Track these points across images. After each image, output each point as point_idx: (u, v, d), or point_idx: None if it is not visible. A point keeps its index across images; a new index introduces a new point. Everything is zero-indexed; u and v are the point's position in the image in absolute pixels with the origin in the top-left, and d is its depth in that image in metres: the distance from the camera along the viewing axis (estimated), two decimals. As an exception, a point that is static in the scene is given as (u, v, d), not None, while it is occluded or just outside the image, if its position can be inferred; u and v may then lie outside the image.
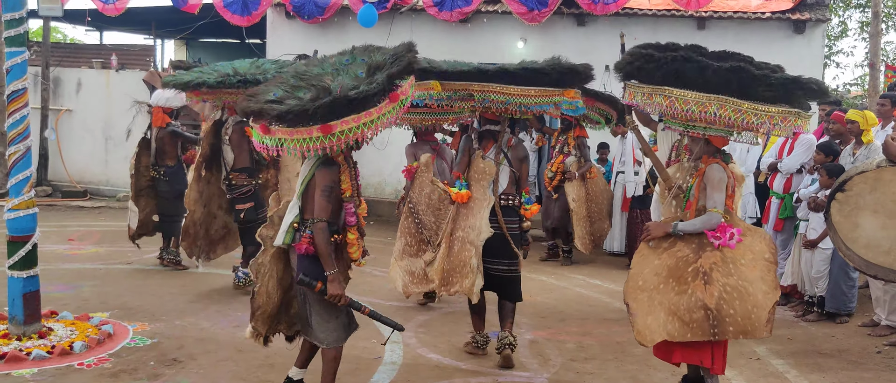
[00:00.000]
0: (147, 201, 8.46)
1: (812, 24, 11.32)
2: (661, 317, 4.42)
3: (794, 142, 7.69)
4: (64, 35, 27.04)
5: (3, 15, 5.48)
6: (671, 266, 4.54)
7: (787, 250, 7.72)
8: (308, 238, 4.28)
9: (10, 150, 5.52)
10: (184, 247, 7.39)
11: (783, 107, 4.34)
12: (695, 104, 4.38)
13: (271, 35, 13.50)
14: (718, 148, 4.72)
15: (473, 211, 5.71)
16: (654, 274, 4.57)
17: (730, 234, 4.48)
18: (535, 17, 11.31)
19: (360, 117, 3.99)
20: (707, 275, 4.40)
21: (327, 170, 4.29)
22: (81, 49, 18.87)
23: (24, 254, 5.51)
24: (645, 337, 4.45)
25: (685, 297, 4.39)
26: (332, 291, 4.30)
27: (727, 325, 4.32)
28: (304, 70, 4.46)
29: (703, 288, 4.37)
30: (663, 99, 4.47)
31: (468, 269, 5.58)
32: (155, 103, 8.31)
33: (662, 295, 4.48)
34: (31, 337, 5.50)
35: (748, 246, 4.51)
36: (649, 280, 4.57)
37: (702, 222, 4.54)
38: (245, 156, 7.14)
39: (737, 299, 4.35)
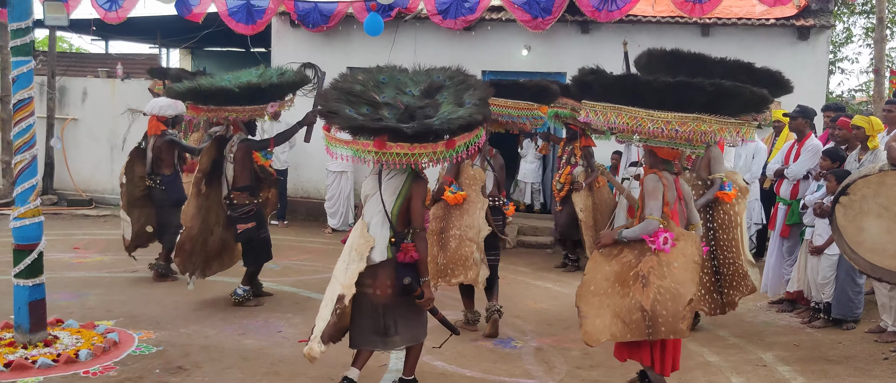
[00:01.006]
0: (141, 212, 8.24)
1: (816, 30, 11.30)
2: (607, 319, 4.75)
3: (800, 148, 7.68)
4: (70, 44, 27.13)
5: (9, 25, 5.50)
6: (617, 271, 4.86)
7: (793, 256, 7.70)
8: (412, 247, 4.74)
9: (17, 159, 5.53)
10: (177, 263, 7.13)
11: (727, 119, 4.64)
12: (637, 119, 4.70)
13: (276, 43, 13.52)
14: (662, 158, 4.99)
15: (469, 212, 6.37)
16: (604, 279, 4.88)
17: (664, 239, 4.74)
18: (538, 25, 11.31)
19: (472, 134, 4.63)
20: (645, 279, 4.69)
21: (422, 183, 4.82)
22: (87, 58, 18.93)
23: (29, 263, 5.52)
24: (592, 338, 4.77)
25: (627, 300, 4.71)
26: (428, 295, 4.83)
27: (660, 325, 4.59)
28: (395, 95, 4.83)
29: (641, 291, 4.67)
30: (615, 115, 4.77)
31: (472, 262, 6.24)
32: (150, 112, 8.14)
33: (610, 299, 4.79)
34: (36, 345, 5.51)
35: (681, 249, 4.76)
36: (600, 285, 4.88)
37: (640, 229, 4.83)
38: (247, 175, 7.09)
39: (669, 301, 4.61)
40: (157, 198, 8.21)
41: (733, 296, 6.68)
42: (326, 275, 8.59)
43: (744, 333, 6.87)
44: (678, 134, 4.66)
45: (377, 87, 4.84)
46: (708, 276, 6.66)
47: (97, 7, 12.72)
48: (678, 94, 4.62)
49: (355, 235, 4.92)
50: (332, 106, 4.61)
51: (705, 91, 4.58)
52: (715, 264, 6.68)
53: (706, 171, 6.67)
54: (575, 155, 9.40)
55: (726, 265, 6.65)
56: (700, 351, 6.25)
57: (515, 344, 6.31)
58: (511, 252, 10.94)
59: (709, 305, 6.69)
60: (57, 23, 12.80)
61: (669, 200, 4.90)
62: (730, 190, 6.57)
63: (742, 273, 6.59)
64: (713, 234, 6.66)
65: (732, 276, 6.63)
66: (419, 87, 4.93)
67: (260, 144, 7.17)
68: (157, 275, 8.16)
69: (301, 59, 13.04)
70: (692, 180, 6.67)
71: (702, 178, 6.67)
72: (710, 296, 6.69)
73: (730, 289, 6.67)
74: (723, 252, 6.66)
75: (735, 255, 6.61)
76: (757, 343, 6.58)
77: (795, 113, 7.94)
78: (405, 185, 4.79)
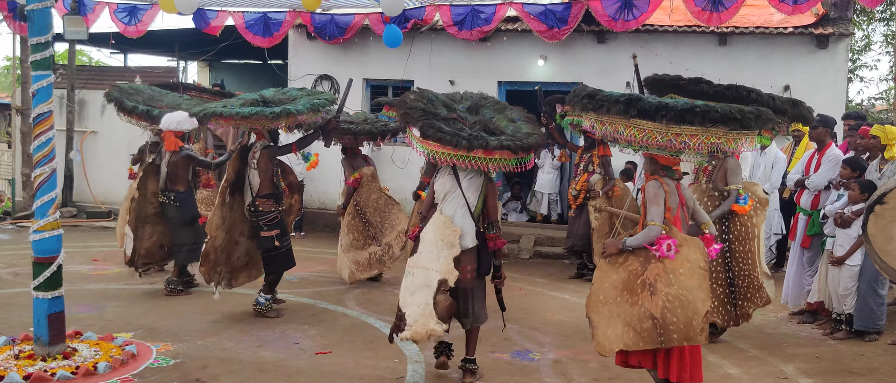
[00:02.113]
0: (153, 228, 8.20)
1: (835, 38, 11.21)
2: (618, 329, 4.75)
3: (821, 158, 7.61)
4: (89, 58, 27.42)
5: (29, 39, 5.55)
6: (624, 279, 4.86)
7: (813, 267, 7.61)
8: (497, 236, 5.58)
9: (36, 172, 5.57)
10: (202, 272, 7.05)
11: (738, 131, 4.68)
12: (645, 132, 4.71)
13: (293, 56, 13.59)
14: (663, 165, 5.03)
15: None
16: (611, 288, 4.89)
17: (667, 246, 4.75)
18: (555, 35, 11.30)
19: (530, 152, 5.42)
20: (652, 286, 4.70)
21: (493, 184, 5.68)
22: (106, 71, 19.09)
23: (49, 276, 5.54)
24: (604, 348, 4.79)
25: (636, 308, 4.71)
26: (504, 275, 5.78)
27: (671, 333, 4.60)
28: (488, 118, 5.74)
29: (649, 299, 4.68)
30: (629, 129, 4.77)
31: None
32: (166, 127, 7.99)
33: (619, 308, 4.80)
34: (55, 357, 5.54)
35: (685, 256, 4.76)
36: (608, 294, 4.89)
37: (643, 236, 4.85)
38: (270, 182, 7.11)
39: (679, 308, 4.61)
40: (171, 215, 8.13)
41: (747, 308, 6.64)
42: (343, 286, 8.67)
43: (764, 345, 6.79)
44: (687, 146, 4.69)
45: (431, 103, 5.57)
46: (722, 288, 6.62)
47: (116, 21, 12.84)
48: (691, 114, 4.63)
49: (438, 228, 5.47)
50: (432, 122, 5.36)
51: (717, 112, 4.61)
52: (729, 276, 6.63)
53: (723, 182, 6.61)
54: (592, 163, 9.37)
55: (741, 277, 6.61)
56: (720, 364, 6.19)
57: (533, 356, 6.27)
58: (528, 263, 10.90)
59: (722, 316, 6.64)
60: (76, 37, 13.01)
61: (672, 206, 4.93)
62: (745, 202, 6.50)
63: (757, 285, 6.55)
64: (729, 246, 6.61)
65: (747, 288, 6.60)
66: (463, 104, 5.82)
67: (282, 150, 7.19)
68: (169, 292, 8.08)
69: (318, 71, 13.22)
70: (709, 191, 6.62)
71: (719, 189, 6.62)
72: (724, 308, 6.65)
73: (744, 301, 6.64)
74: (738, 264, 6.61)
75: (751, 267, 6.56)
76: (778, 355, 6.50)
77: (816, 122, 7.84)
78: (484, 185, 5.56)
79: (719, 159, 6.66)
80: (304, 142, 7.29)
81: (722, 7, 10.08)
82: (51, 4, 5.55)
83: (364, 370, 5.75)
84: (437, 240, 5.46)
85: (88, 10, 12.77)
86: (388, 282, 8.88)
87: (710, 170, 6.73)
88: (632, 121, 4.73)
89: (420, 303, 5.35)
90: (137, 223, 8.09)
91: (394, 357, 6.09)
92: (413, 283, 5.44)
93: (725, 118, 4.62)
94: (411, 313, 5.37)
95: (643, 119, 4.68)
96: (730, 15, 10.17)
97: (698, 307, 4.60)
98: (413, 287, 5.44)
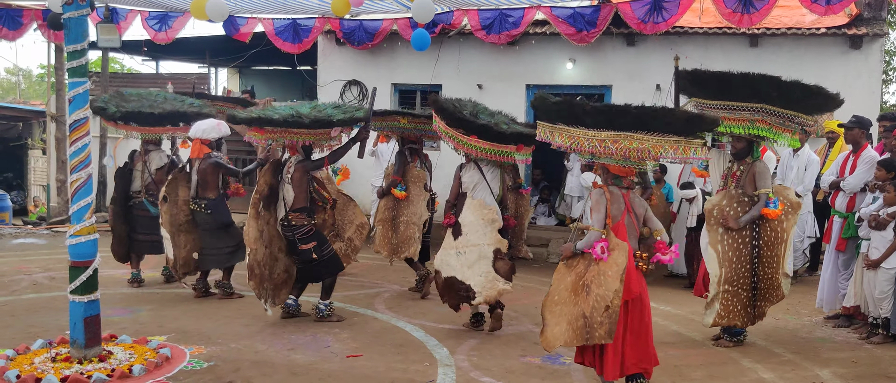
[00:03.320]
0: (187, 237, 8.26)
1: (869, 39, 11.05)
2: (563, 327, 5.09)
3: (856, 160, 7.50)
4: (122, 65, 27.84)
5: (65, 47, 5.64)
6: (573, 281, 5.20)
7: (849, 270, 7.50)
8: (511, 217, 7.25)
9: (72, 178, 5.64)
10: (252, 287, 7.04)
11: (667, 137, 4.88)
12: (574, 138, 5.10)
13: (322, 61, 13.68)
14: (613, 174, 5.23)
15: (414, 202, 8.46)
16: (565, 289, 5.22)
17: (600, 248, 5.04)
18: (583, 38, 11.24)
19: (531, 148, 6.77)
20: (588, 287, 5.03)
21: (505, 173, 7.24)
22: (138, 78, 19.39)
23: (85, 279, 5.61)
24: (550, 344, 5.16)
25: (576, 307, 5.05)
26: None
27: (595, 331, 4.90)
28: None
29: (584, 299, 5.01)
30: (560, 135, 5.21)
31: (413, 240, 8.37)
32: (193, 135, 8.08)
33: (566, 308, 5.13)
34: (91, 360, 5.61)
35: (614, 259, 4.99)
36: (561, 294, 5.22)
37: (585, 241, 5.15)
38: (304, 196, 7.14)
39: (603, 308, 4.91)
40: (202, 221, 8.18)
41: (763, 307, 6.68)
42: (372, 290, 8.73)
43: (799, 349, 6.70)
44: (612, 152, 4.97)
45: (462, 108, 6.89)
46: (746, 292, 6.58)
47: (148, 28, 13.01)
48: (606, 115, 5.01)
49: (476, 210, 6.79)
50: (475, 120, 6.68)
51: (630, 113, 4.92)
52: (754, 280, 6.58)
53: (752, 187, 6.55)
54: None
55: (765, 280, 6.60)
56: (754, 368, 6.12)
57: (564, 360, 6.24)
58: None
59: (743, 319, 6.64)
60: (109, 44, 13.20)
61: (614, 214, 5.14)
62: (776, 206, 6.43)
63: (776, 284, 6.55)
64: (758, 251, 6.54)
65: (768, 289, 6.61)
66: (467, 109, 6.91)
67: (316, 164, 7.21)
68: (198, 294, 8.22)
69: (347, 76, 13.29)
70: (738, 196, 6.55)
71: (748, 194, 6.55)
72: (745, 311, 6.64)
73: (763, 301, 6.65)
74: (764, 268, 6.57)
75: (774, 270, 6.53)
76: (813, 359, 6.41)
77: (851, 123, 7.76)
78: (501, 175, 7.03)
79: (747, 164, 6.61)
80: (337, 154, 7.33)
81: (753, 8, 9.97)
82: (87, 13, 5.62)
83: (394, 373, 5.76)
84: (479, 220, 6.77)
85: (121, 18, 12.95)
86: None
87: (738, 175, 6.66)
88: (557, 128, 5.21)
89: (482, 273, 6.70)
90: (173, 229, 8.17)
91: (424, 360, 6.10)
92: (468, 260, 6.74)
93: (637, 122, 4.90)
94: (477, 282, 6.70)
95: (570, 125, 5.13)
96: (761, 16, 10.06)
97: (610, 305, 4.88)
98: (469, 262, 6.74)
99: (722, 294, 6.48)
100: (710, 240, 6.55)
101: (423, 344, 6.60)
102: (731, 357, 6.43)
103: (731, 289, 6.51)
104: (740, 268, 6.52)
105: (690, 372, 5.96)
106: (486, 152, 6.57)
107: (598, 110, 5.03)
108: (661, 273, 10.20)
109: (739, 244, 6.52)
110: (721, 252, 6.49)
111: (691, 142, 4.92)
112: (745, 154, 6.63)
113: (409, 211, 8.51)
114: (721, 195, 6.66)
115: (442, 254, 6.95)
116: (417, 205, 8.45)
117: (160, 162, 8.83)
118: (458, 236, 6.82)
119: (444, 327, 7.17)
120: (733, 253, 6.51)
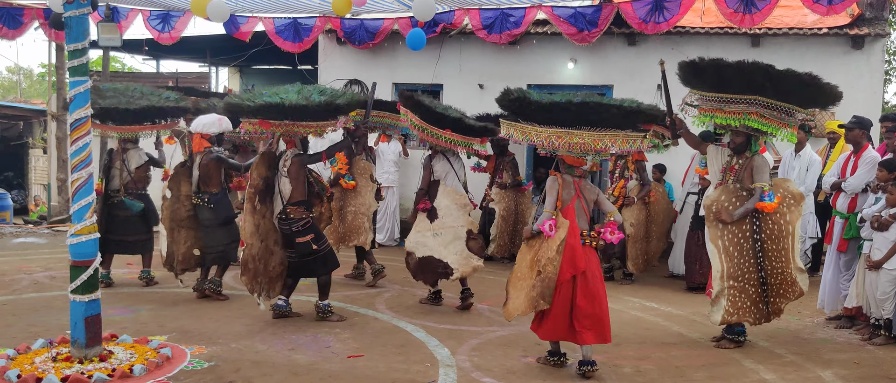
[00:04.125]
0: (188, 233, 8.16)
1: (871, 39, 11.04)
2: (520, 299, 5.80)
3: (857, 160, 7.49)
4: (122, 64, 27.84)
5: (66, 46, 5.62)
6: (531, 258, 5.87)
7: (850, 271, 7.49)
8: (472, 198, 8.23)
9: (73, 177, 5.61)
10: (244, 282, 7.09)
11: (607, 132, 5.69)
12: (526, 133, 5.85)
13: (323, 61, 13.67)
14: (567, 164, 5.92)
15: (361, 193, 8.93)
16: (525, 266, 5.91)
17: (548, 226, 5.70)
18: (584, 38, 11.24)
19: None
20: (539, 261, 5.71)
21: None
22: (139, 77, 19.38)
23: (85, 279, 5.59)
24: (510, 315, 5.91)
25: (530, 281, 5.75)
26: None
27: (534, 301, 5.66)
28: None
29: (537, 274, 5.71)
30: (516, 131, 5.93)
31: (364, 230, 8.89)
32: (194, 129, 8.09)
33: (525, 282, 5.82)
34: (92, 360, 5.59)
35: (559, 235, 5.70)
36: (523, 271, 5.92)
37: (538, 222, 5.80)
38: (302, 189, 7.12)
39: (547, 277, 5.62)
40: (205, 217, 8.13)
41: (780, 303, 6.58)
42: (373, 290, 8.73)
43: (801, 350, 6.69)
44: (558, 146, 5.68)
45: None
46: (754, 288, 6.53)
47: (150, 28, 13.00)
48: (552, 112, 5.70)
49: (451, 196, 7.74)
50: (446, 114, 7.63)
51: (570, 109, 5.62)
52: (762, 275, 6.54)
53: (750, 181, 6.55)
54: (628, 168, 9.34)
55: (775, 275, 6.52)
56: (756, 369, 6.11)
57: (566, 361, 6.23)
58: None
59: (754, 315, 6.57)
60: (110, 43, 13.19)
61: (565, 198, 5.84)
62: (771, 200, 6.40)
63: (791, 280, 6.48)
64: (761, 245, 6.51)
65: (780, 284, 6.52)
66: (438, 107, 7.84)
67: (312, 158, 7.20)
68: (210, 292, 8.14)
69: (348, 75, 13.28)
70: (736, 190, 6.56)
71: (746, 188, 6.55)
72: (756, 307, 6.57)
73: (776, 297, 6.56)
74: (771, 262, 6.51)
75: (784, 264, 6.48)
76: (815, 360, 6.40)
77: (852, 124, 7.74)
78: (462, 163, 8.07)
79: (746, 158, 6.61)
80: (333, 149, 7.32)
81: (755, 8, 9.97)
82: (88, 12, 5.60)
83: (396, 374, 5.75)
84: (454, 205, 7.74)
85: (122, 17, 12.94)
86: (419, 286, 8.90)
87: (737, 169, 6.67)
88: (515, 124, 5.92)
89: (458, 251, 7.67)
90: (173, 225, 8.11)
91: (425, 361, 6.09)
92: (444, 240, 7.66)
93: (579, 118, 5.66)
94: (453, 260, 7.64)
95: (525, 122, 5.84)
96: (763, 16, 10.05)
97: (544, 270, 5.61)
98: (445, 242, 7.67)
99: (728, 289, 6.45)
100: (711, 236, 6.54)
101: (424, 345, 6.59)
102: (732, 358, 6.42)
103: (737, 285, 6.48)
104: (743, 262, 6.49)
105: (692, 373, 5.95)
106: (457, 144, 7.63)
107: (544, 107, 5.73)
108: (662, 273, 10.21)
109: (740, 238, 6.50)
110: (722, 247, 6.48)
111: (631, 136, 5.75)
112: (743, 148, 6.64)
113: (357, 202, 8.92)
114: (719, 190, 6.66)
115: (416, 237, 7.80)
116: (365, 196, 8.90)
117: (140, 160, 8.79)
118: (435, 219, 7.74)
119: (445, 328, 7.16)
120: (734, 247, 6.49)
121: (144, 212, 8.77)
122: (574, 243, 5.66)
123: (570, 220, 5.72)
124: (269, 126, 6.92)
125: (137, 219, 8.72)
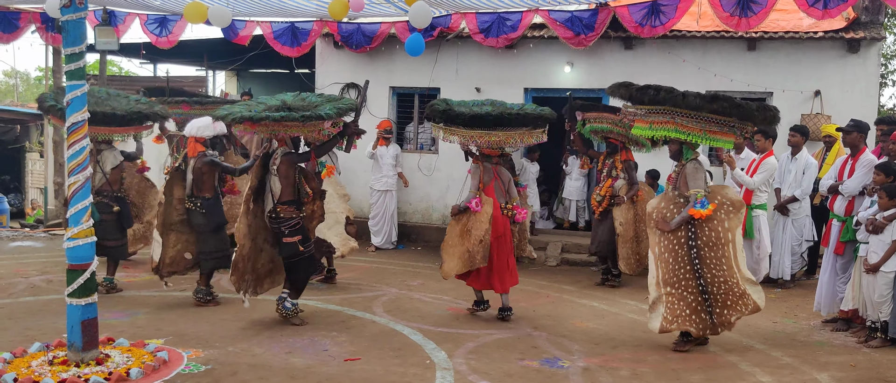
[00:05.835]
0: (178, 236, 8.11)
1: (867, 42, 11.06)
2: (455, 261, 7.49)
3: (854, 164, 7.51)
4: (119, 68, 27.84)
5: (64, 50, 5.63)
6: (460, 229, 7.53)
7: (846, 274, 7.50)
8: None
9: (70, 181, 5.62)
10: (232, 281, 7.07)
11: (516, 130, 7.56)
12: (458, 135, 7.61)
13: (320, 65, 13.67)
14: (485, 154, 7.71)
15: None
16: (455, 235, 7.56)
17: (475, 202, 7.42)
18: (581, 42, 11.25)
19: None
20: (469, 231, 7.40)
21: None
22: (136, 81, 19.37)
23: (82, 282, 5.60)
24: (447, 274, 7.62)
25: (462, 246, 7.43)
26: None
27: (475, 258, 7.31)
28: None
29: (468, 239, 7.40)
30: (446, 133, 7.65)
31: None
32: (188, 133, 8.03)
33: (457, 248, 7.50)
34: (89, 363, 5.59)
35: (485, 210, 7.38)
36: (453, 239, 7.56)
37: (465, 199, 7.56)
38: (291, 189, 7.10)
39: (478, 242, 7.30)
40: (197, 222, 8.06)
41: (728, 316, 6.50)
42: (370, 293, 8.72)
43: (797, 353, 6.71)
44: (480, 144, 7.56)
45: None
46: (693, 296, 6.50)
47: (148, 32, 12.99)
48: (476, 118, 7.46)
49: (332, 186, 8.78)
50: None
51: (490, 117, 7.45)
52: (701, 283, 6.50)
53: (685, 187, 6.59)
54: (616, 168, 9.35)
55: (716, 284, 6.47)
56: (752, 372, 6.12)
57: (562, 363, 6.24)
58: (556, 270, 10.86)
59: (696, 324, 6.50)
60: (107, 47, 13.16)
61: (485, 180, 7.57)
62: (704, 207, 6.40)
63: (739, 291, 6.43)
64: (697, 253, 6.50)
65: (725, 295, 6.47)
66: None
67: (302, 157, 7.19)
68: (198, 302, 8.05)
69: (345, 79, 13.29)
70: (674, 198, 6.62)
71: (683, 195, 6.59)
72: (697, 316, 6.50)
73: (723, 309, 6.49)
74: (710, 270, 6.47)
75: (726, 273, 6.44)
76: (811, 363, 6.41)
77: (849, 127, 7.77)
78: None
79: (681, 165, 6.68)
80: (324, 148, 7.30)
81: (751, 12, 9.97)
82: (85, 15, 5.61)
83: (393, 377, 5.76)
84: (334, 194, 9.02)
85: (119, 21, 12.93)
86: (416, 289, 8.90)
87: (675, 177, 6.74)
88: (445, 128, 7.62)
89: (338, 234, 9.23)
90: (163, 229, 8.05)
91: (422, 364, 6.10)
92: (326, 225, 8.52)
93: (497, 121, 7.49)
94: (335, 241, 9.11)
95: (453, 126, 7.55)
96: (759, 20, 10.05)
97: (482, 239, 7.29)
98: (328, 225, 8.79)
99: (665, 296, 6.46)
100: (650, 242, 6.60)
101: (421, 348, 6.59)
102: (729, 360, 6.43)
103: (675, 292, 6.48)
104: (678, 269, 6.48)
105: (689, 376, 5.95)
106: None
107: (473, 115, 7.44)
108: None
109: (674, 245, 6.51)
110: (657, 253, 6.51)
111: (533, 132, 7.66)
112: (678, 156, 6.77)
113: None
114: (660, 197, 6.79)
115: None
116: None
117: (115, 160, 8.70)
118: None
119: (442, 330, 7.17)
120: (669, 254, 6.51)
121: (119, 216, 8.64)
122: (495, 214, 7.46)
123: (491, 198, 7.48)
124: (255, 127, 6.90)
125: (112, 224, 8.56)
